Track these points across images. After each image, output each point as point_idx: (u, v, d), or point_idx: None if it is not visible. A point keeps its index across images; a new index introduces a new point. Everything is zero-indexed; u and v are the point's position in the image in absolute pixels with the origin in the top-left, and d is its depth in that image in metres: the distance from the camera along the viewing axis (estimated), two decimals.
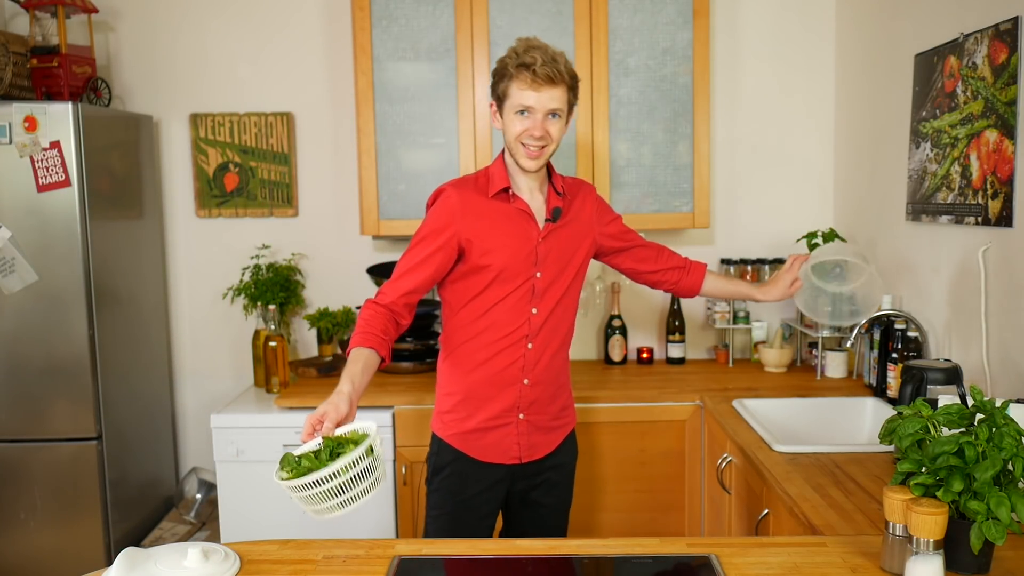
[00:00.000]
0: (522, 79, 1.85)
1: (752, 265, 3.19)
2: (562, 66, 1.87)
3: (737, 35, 3.24)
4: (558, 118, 1.90)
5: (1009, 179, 2.04)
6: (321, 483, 1.43)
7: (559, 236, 2.01)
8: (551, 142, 1.91)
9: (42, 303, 2.81)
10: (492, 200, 1.97)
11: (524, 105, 1.87)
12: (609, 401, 2.77)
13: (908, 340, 2.47)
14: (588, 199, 2.11)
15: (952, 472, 1.31)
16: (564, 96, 1.89)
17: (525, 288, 1.98)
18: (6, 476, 2.86)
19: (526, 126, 1.88)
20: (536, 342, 2.01)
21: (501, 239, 1.95)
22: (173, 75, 3.33)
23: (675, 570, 1.44)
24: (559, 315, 2.04)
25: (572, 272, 2.05)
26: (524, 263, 1.97)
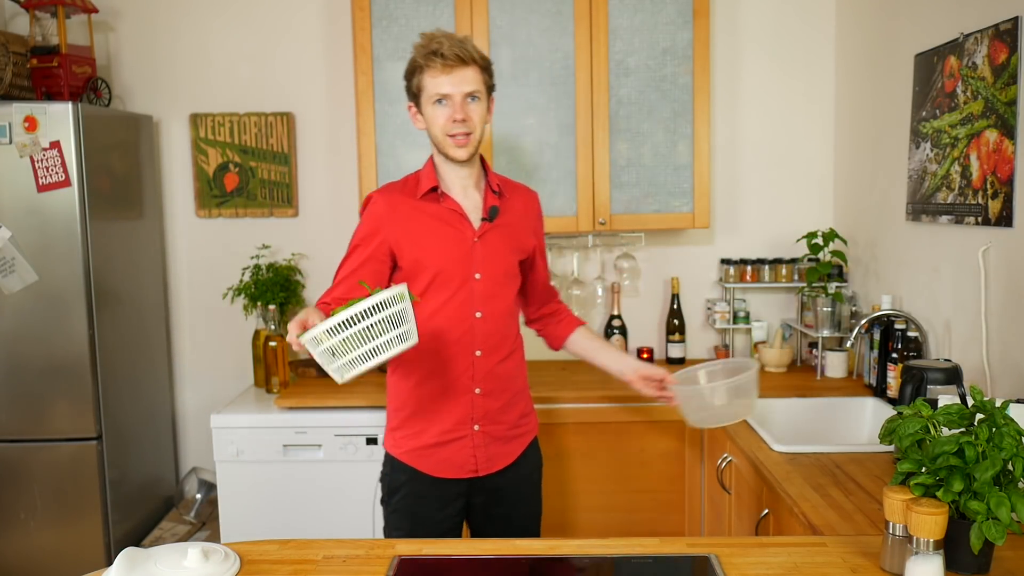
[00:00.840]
0: (433, 67, 1.81)
1: (752, 265, 3.19)
2: (470, 47, 1.83)
3: (737, 35, 3.24)
4: (477, 100, 1.85)
5: (1009, 179, 2.04)
6: (353, 322, 1.44)
7: (497, 236, 1.94)
8: (475, 127, 1.86)
9: (42, 303, 2.81)
10: (421, 202, 1.91)
11: (440, 93, 1.82)
12: (609, 401, 2.77)
13: (908, 340, 2.47)
14: (530, 204, 2.05)
15: (952, 472, 1.31)
16: (479, 77, 1.85)
17: (465, 291, 1.91)
18: (6, 476, 2.86)
19: (447, 113, 1.83)
20: (485, 348, 1.93)
21: (433, 241, 1.90)
22: (173, 75, 3.33)
23: (675, 570, 1.44)
24: (505, 321, 1.97)
25: (514, 273, 1.99)
26: (460, 264, 1.90)
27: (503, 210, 1.96)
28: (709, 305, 3.30)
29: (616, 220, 2.99)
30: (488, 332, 1.93)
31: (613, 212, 2.98)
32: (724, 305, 3.21)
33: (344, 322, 1.46)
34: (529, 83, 2.93)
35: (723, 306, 3.21)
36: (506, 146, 2.96)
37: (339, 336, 1.47)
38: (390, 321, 1.49)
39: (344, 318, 1.46)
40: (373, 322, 1.48)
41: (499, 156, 2.96)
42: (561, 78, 2.94)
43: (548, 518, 2.80)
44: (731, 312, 3.21)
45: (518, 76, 2.93)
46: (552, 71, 2.94)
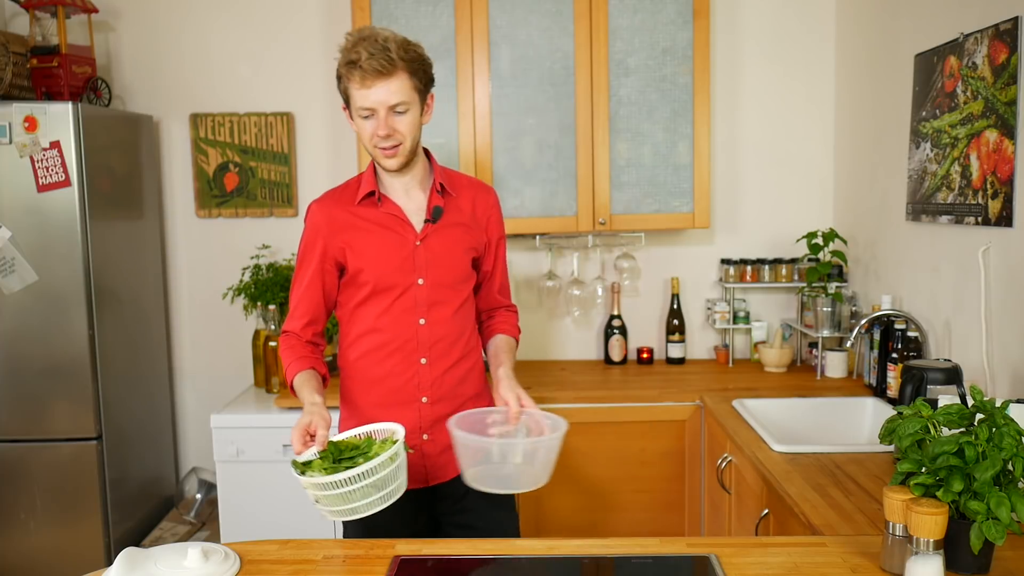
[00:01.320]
0: (354, 79, 1.70)
1: (752, 265, 3.19)
2: (395, 53, 1.68)
3: (737, 35, 3.24)
4: (405, 112, 1.73)
5: (1009, 179, 2.04)
6: (361, 478, 1.46)
7: (443, 238, 1.85)
8: (404, 138, 1.75)
9: (42, 303, 2.81)
10: (360, 207, 1.84)
11: (364, 107, 1.72)
12: (609, 401, 2.77)
13: (908, 340, 2.47)
14: (482, 200, 1.93)
15: (952, 472, 1.31)
16: (405, 86, 1.71)
17: (407, 297, 1.83)
18: (6, 476, 2.86)
19: (372, 127, 1.74)
20: (430, 356, 1.85)
21: (372, 247, 1.82)
22: (173, 75, 3.33)
23: (675, 570, 1.44)
24: (456, 325, 1.87)
25: (462, 276, 1.89)
26: (400, 270, 1.82)
27: (450, 209, 1.86)
28: (709, 305, 3.30)
29: (616, 220, 2.99)
30: (434, 339, 1.85)
31: (613, 212, 2.98)
32: (724, 305, 3.21)
33: (355, 477, 1.47)
34: (529, 83, 2.93)
35: (723, 306, 3.21)
36: (506, 146, 2.96)
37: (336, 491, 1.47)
38: (385, 479, 1.51)
39: (358, 472, 1.47)
40: (383, 476, 1.50)
41: (499, 156, 2.96)
42: (561, 78, 2.94)
43: (548, 518, 2.81)
44: (731, 312, 3.21)
45: (518, 76, 2.93)
46: (552, 71, 2.94)
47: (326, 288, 1.87)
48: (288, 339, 1.89)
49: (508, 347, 1.95)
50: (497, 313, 2.03)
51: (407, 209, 1.85)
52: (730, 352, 3.22)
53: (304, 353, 1.86)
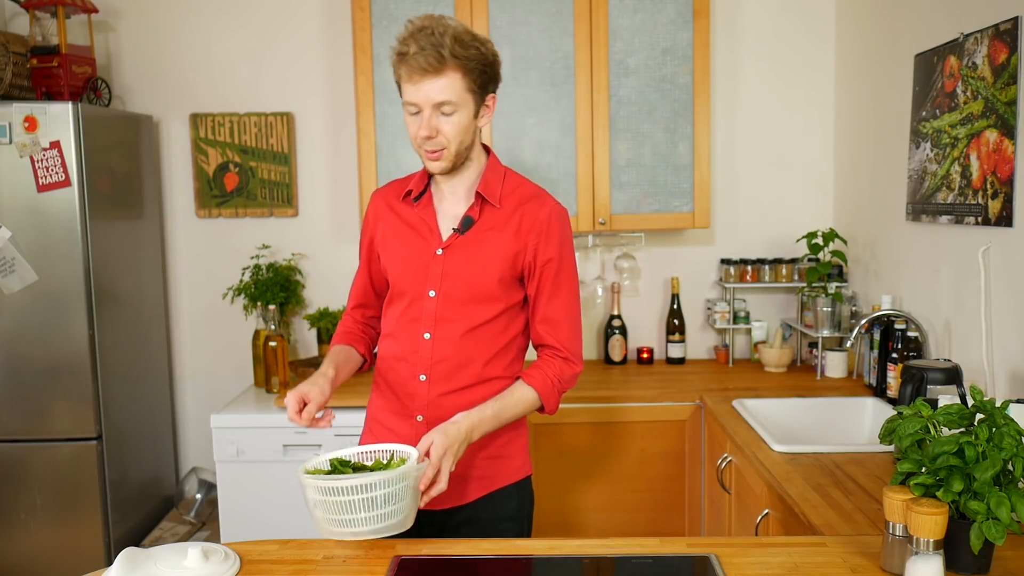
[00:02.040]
0: (403, 72, 1.59)
1: (752, 265, 3.19)
2: (448, 49, 1.56)
3: (737, 35, 3.24)
4: (452, 113, 1.61)
5: (1009, 179, 2.04)
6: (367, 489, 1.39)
7: (469, 251, 1.70)
8: (448, 143, 1.63)
9: (42, 303, 2.81)
10: (402, 203, 1.77)
11: (409, 102, 1.61)
12: (609, 401, 2.77)
13: (908, 340, 2.47)
14: (531, 215, 1.72)
15: (952, 472, 1.31)
16: (455, 85, 1.59)
17: (417, 307, 1.72)
18: (6, 476, 2.86)
19: (416, 127, 1.62)
20: (430, 375, 1.71)
21: (399, 248, 1.76)
22: (173, 75, 3.33)
23: (675, 570, 1.44)
24: (462, 348, 1.70)
25: (484, 296, 1.70)
26: (415, 278, 1.71)
27: (489, 221, 1.71)
28: (709, 305, 3.30)
29: (616, 220, 2.99)
30: (437, 357, 1.70)
31: (613, 212, 2.98)
32: (724, 305, 3.21)
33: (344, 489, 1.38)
34: (529, 83, 2.94)
35: (723, 306, 3.21)
36: (506, 146, 2.96)
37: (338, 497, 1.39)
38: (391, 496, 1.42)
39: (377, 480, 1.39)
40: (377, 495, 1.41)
41: (499, 156, 2.95)
42: (561, 78, 2.94)
43: (548, 518, 2.81)
44: (731, 312, 3.21)
45: (518, 76, 2.93)
46: (552, 71, 2.94)
47: (373, 278, 1.86)
48: (343, 317, 1.90)
49: (504, 393, 1.69)
50: (543, 353, 1.76)
51: (445, 215, 1.73)
52: (730, 352, 3.22)
53: (350, 329, 1.85)
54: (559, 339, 1.74)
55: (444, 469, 1.52)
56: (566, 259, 1.75)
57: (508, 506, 1.79)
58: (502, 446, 1.77)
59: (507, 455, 1.78)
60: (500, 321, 1.72)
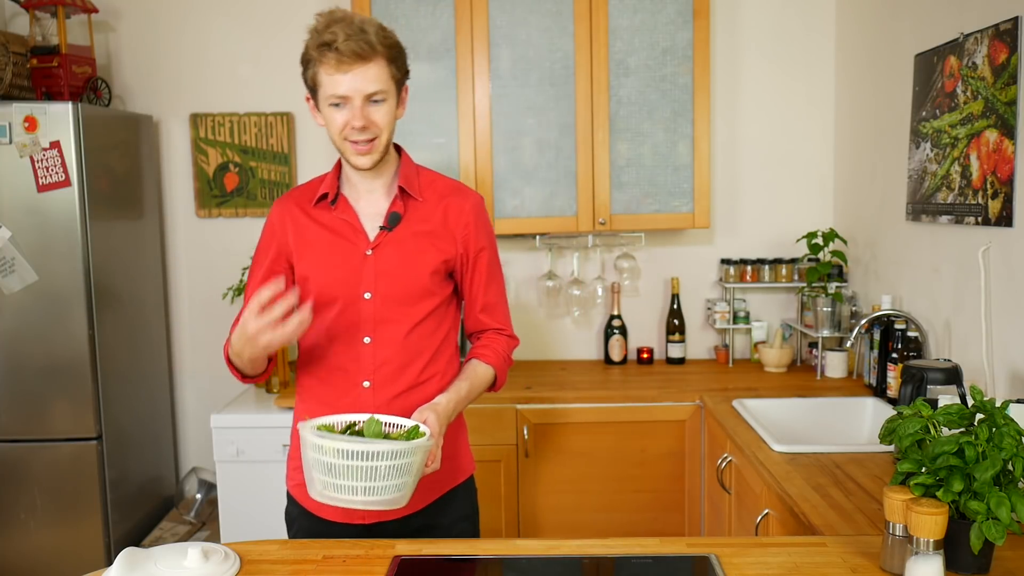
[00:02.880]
0: (327, 62, 1.53)
1: (752, 265, 3.19)
2: (373, 36, 1.53)
3: (737, 35, 3.24)
4: (383, 102, 1.57)
5: (1009, 179, 2.04)
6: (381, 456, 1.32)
7: (400, 248, 1.65)
8: (380, 131, 1.59)
9: (42, 303, 2.81)
10: (315, 208, 1.69)
11: (336, 95, 1.55)
12: (609, 401, 2.77)
13: (908, 340, 2.47)
14: (456, 207, 1.70)
15: (952, 472, 1.31)
16: (383, 73, 1.56)
17: (352, 312, 1.65)
18: (6, 476, 2.86)
19: (344, 118, 1.56)
20: (374, 380, 1.65)
21: (319, 254, 1.66)
22: (173, 75, 3.33)
23: (675, 570, 1.44)
24: (408, 348, 1.66)
25: (422, 292, 1.66)
26: (346, 283, 1.64)
27: (415, 215, 1.67)
28: (709, 305, 3.30)
29: (616, 220, 2.99)
30: (380, 361, 1.65)
31: (613, 212, 2.98)
32: (724, 305, 3.21)
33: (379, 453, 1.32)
34: (529, 83, 2.94)
35: (723, 306, 3.21)
36: (506, 146, 2.96)
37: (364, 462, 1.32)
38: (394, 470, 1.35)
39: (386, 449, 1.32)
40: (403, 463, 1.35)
41: (499, 156, 2.96)
42: (561, 78, 2.94)
43: (548, 518, 2.81)
44: (731, 312, 3.21)
45: (518, 76, 2.93)
46: (552, 71, 2.94)
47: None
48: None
49: (468, 373, 1.69)
50: (483, 336, 1.78)
51: (366, 214, 1.68)
52: (730, 352, 3.22)
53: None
54: (500, 321, 1.78)
55: (438, 449, 1.50)
56: (494, 246, 1.77)
57: (462, 506, 1.79)
58: (450, 446, 1.72)
59: (450, 456, 1.73)
60: (436, 317, 1.70)
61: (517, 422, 2.76)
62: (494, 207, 2.97)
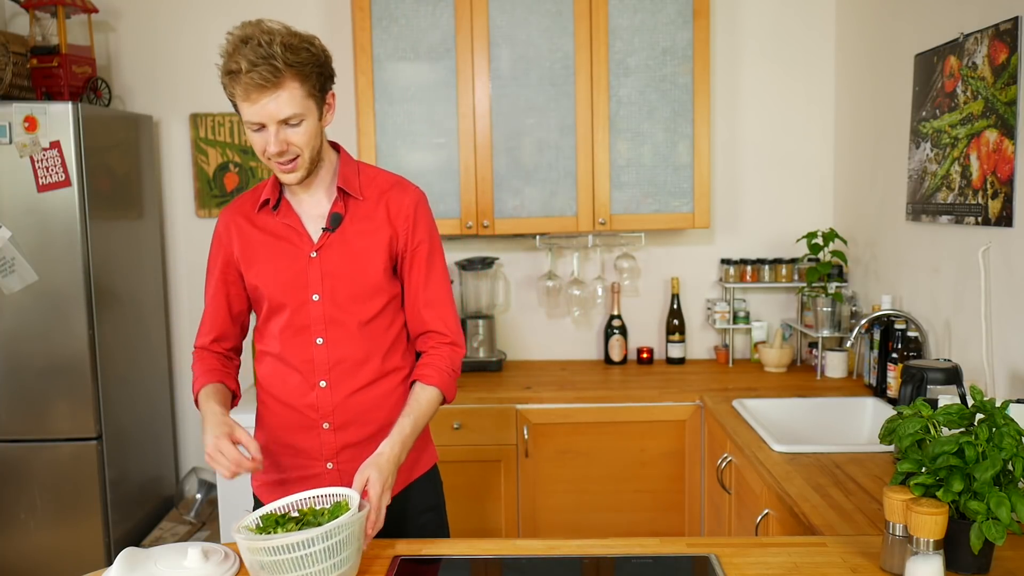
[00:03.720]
0: (238, 91, 1.50)
1: (752, 265, 3.19)
2: (280, 60, 1.47)
3: (737, 35, 3.24)
4: (300, 124, 1.54)
5: (1009, 179, 2.04)
6: (312, 544, 1.28)
7: (344, 248, 1.65)
8: (301, 150, 1.56)
9: (42, 303, 2.81)
10: (259, 215, 1.69)
11: (251, 121, 1.53)
12: (609, 401, 2.77)
13: (908, 340, 2.47)
14: (396, 202, 1.69)
15: (952, 472, 1.31)
16: (295, 96, 1.51)
17: (302, 315, 1.65)
18: (6, 476, 2.86)
19: (263, 142, 1.54)
20: (330, 379, 1.66)
21: (265, 261, 1.67)
22: (173, 75, 3.33)
23: (675, 570, 1.44)
24: (361, 345, 1.67)
25: (370, 289, 1.67)
26: (293, 286, 1.65)
27: (357, 214, 1.67)
28: (709, 305, 3.30)
29: (616, 220, 2.99)
30: (334, 360, 1.66)
31: (613, 212, 2.98)
32: (724, 305, 3.21)
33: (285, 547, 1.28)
34: (529, 83, 2.94)
35: (723, 306, 3.21)
36: (506, 146, 2.96)
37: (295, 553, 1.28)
38: (332, 549, 1.31)
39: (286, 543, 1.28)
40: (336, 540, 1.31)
41: (499, 156, 2.96)
42: (561, 78, 2.94)
43: (548, 518, 2.81)
44: (731, 312, 3.21)
45: (518, 76, 2.93)
46: (552, 71, 2.94)
47: (231, 301, 1.74)
48: (198, 354, 1.75)
49: (412, 406, 1.63)
50: (426, 346, 1.72)
51: (308, 216, 1.67)
52: (730, 352, 3.22)
53: (213, 366, 1.72)
54: (444, 322, 1.72)
55: (383, 506, 1.48)
56: (435, 241, 1.74)
57: (426, 497, 1.79)
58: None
59: (415, 447, 1.72)
60: (387, 313, 1.70)
61: (517, 422, 2.76)
62: (494, 207, 2.97)
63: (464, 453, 2.75)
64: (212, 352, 1.76)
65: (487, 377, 3.02)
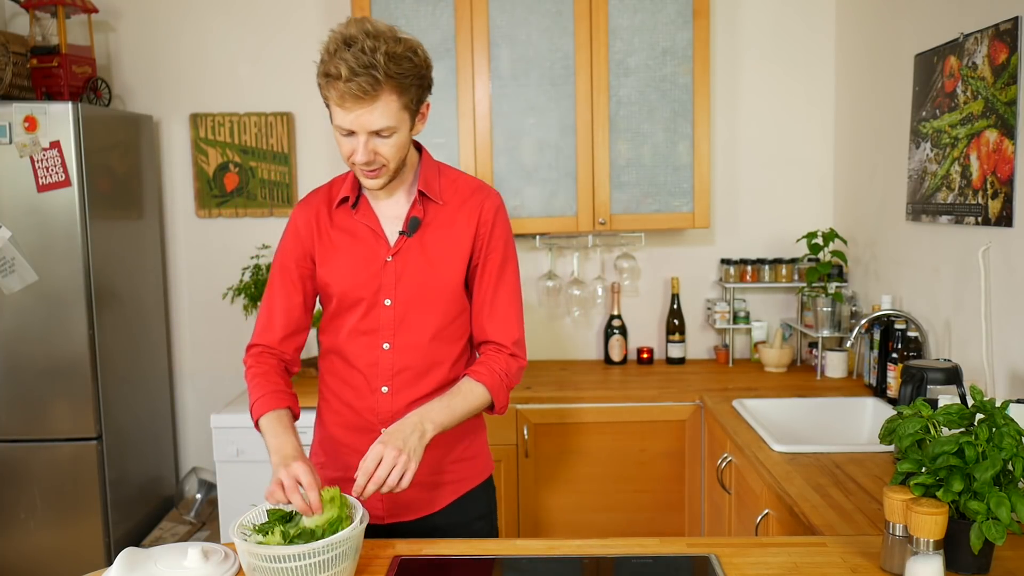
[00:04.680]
0: (333, 94, 1.46)
1: (752, 265, 3.19)
2: (382, 71, 1.42)
3: (737, 35, 3.24)
4: (391, 135, 1.50)
5: (1009, 179, 2.04)
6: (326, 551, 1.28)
7: (422, 253, 1.61)
8: (388, 161, 1.52)
9: (42, 303, 2.81)
10: (336, 211, 1.65)
11: (342, 127, 1.49)
12: (609, 401, 2.77)
13: (908, 340, 2.47)
14: (476, 208, 1.64)
15: (952, 472, 1.31)
16: (391, 108, 1.47)
17: (371, 318, 1.62)
18: (6, 476, 2.86)
19: (350, 147, 1.50)
20: (392, 385, 1.63)
21: (341, 259, 1.63)
22: (173, 75, 3.33)
23: (675, 570, 1.44)
24: (428, 354, 1.63)
25: (444, 298, 1.63)
26: (365, 288, 1.61)
27: (436, 219, 1.63)
28: (709, 305, 3.30)
29: (616, 220, 2.99)
30: (399, 367, 1.63)
31: (613, 212, 2.98)
32: (724, 305, 3.21)
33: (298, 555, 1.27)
34: (529, 83, 2.94)
35: (723, 306, 3.21)
36: (506, 146, 2.96)
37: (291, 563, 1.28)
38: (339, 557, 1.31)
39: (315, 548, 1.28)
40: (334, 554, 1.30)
41: (499, 156, 2.96)
42: (561, 78, 2.94)
43: (548, 518, 2.81)
44: (731, 312, 3.21)
45: (518, 76, 2.93)
46: (552, 71, 2.94)
47: (307, 296, 1.69)
48: (261, 359, 1.66)
49: (453, 391, 1.59)
50: (484, 352, 1.67)
51: (386, 217, 1.64)
52: (730, 352, 3.22)
53: (280, 386, 1.62)
54: (507, 334, 1.65)
55: (375, 460, 1.42)
56: (510, 250, 1.68)
57: (478, 506, 1.77)
58: (466, 448, 1.73)
59: (471, 456, 1.74)
60: (458, 323, 1.66)
61: (517, 422, 2.76)
62: None
63: None
64: (276, 359, 1.67)
65: None
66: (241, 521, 1.37)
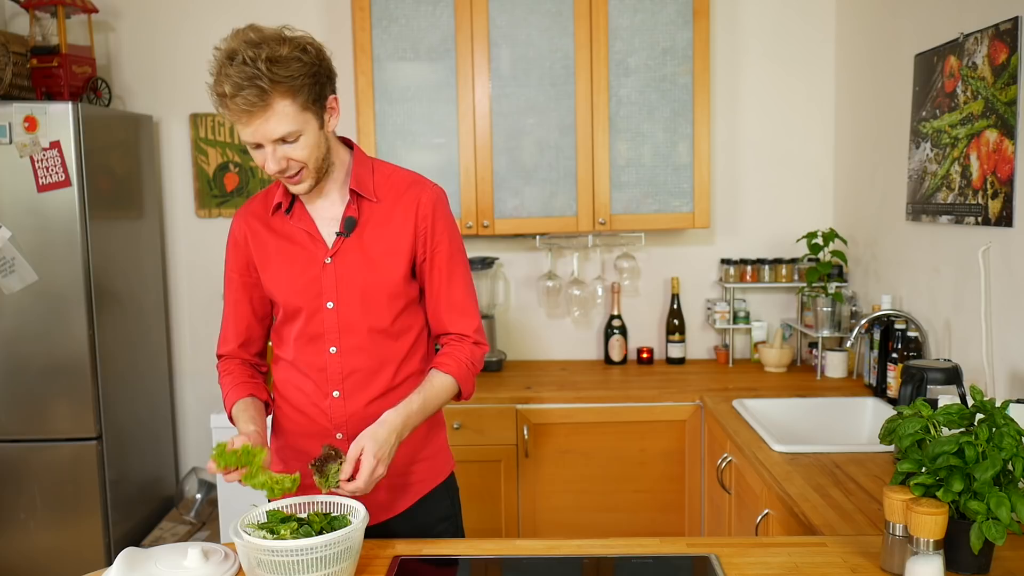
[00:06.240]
0: (226, 112, 1.45)
1: (752, 265, 3.19)
2: (266, 80, 1.40)
3: (737, 35, 3.24)
4: (297, 139, 1.47)
5: (1009, 179, 2.04)
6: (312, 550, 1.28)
7: (361, 252, 1.59)
8: (305, 161, 1.49)
9: (42, 303, 2.81)
10: (273, 218, 1.63)
11: (245, 141, 1.48)
12: (609, 401, 2.77)
13: (908, 340, 2.47)
14: (413, 202, 1.61)
15: (952, 472, 1.31)
16: (288, 113, 1.44)
17: (316, 323, 1.60)
18: (6, 476, 2.86)
19: (262, 159, 1.48)
20: (344, 389, 1.61)
21: (279, 265, 1.62)
22: (173, 75, 3.33)
23: (675, 570, 1.44)
24: (376, 354, 1.61)
25: (387, 296, 1.60)
26: (306, 292, 1.59)
27: (373, 217, 1.60)
28: (709, 305, 3.30)
29: (616, 220, 2.99)
30: (348, 370, 1.61)
31: (613, 212, 2.98)
32: (724, 305, 3.21)
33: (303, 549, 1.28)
34: (529, 83, 2.93)
35: (723, 306, 3.21)
36: (506, 146, 2.96)
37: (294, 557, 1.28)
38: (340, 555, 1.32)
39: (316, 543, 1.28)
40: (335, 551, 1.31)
41: (499, 156, 2.96)
42: (561, 78, 2.94)
43: (548, 518, 2.81)
44: (731, 312, 3.21)
45: (518, 76, 2.93)
46: (552, 71, 2.94)
47: (255, 305, 1.70)
48: (225, 364, 1.72)
49: (425, 387, 1.59)
50: (446, 343, 1.67)
51: (323, 219, 1.61)
52: (730, 352, 3.22)
53: (243, 378, 1.68)
54: (467, 324, 1.65)
55: (374, 479, 1.44)
56: (456, 241, 1.66)
57: (441, 507, 1.75)
58: (424, 448, 1.71)
59: (431, 456, 1.72)
60: (404, 319, 1.64)
61: (517, 422, 2.76)
62: (494, 207, 2.97)
63: (464, 453, 2.74)
64: (239, 361, 1.72)
65: (487, 377, 3.02)
66: (241, 521, 1.37)
